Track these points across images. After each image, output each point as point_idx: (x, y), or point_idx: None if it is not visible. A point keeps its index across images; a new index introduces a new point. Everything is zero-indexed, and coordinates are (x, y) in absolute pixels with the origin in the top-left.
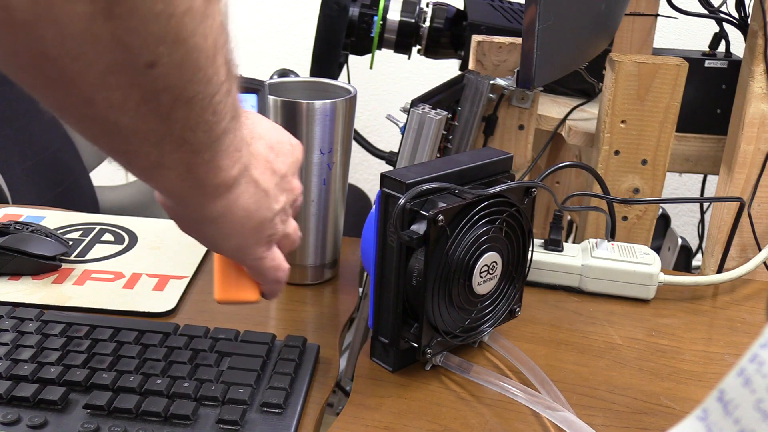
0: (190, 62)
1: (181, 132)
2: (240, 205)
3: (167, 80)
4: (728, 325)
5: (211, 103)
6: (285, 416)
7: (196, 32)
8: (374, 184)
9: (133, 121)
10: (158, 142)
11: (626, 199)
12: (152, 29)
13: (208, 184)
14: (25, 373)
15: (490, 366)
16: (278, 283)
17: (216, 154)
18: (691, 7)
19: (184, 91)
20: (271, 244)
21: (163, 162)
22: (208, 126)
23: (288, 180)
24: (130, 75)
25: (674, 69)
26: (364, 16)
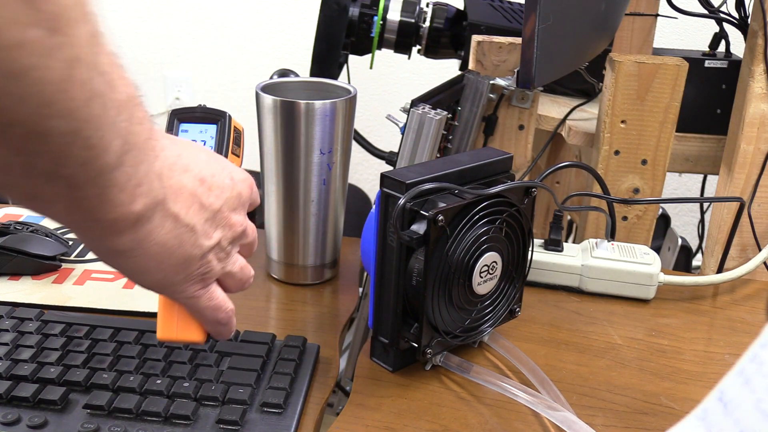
0: (33, 96)
1: (47, 166)
2: (154, 240)
3: (11, 115)
4: (728, 325)
5: (78, 137)
6: (285, 416)
7: (37, 66)
8: (374, 184)
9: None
10: (24, 175)
11: (626, 199)
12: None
13: (103, 219)
14: (25, 373)
15: (490, 366)
16: (221, 325)
17: (104, 189)
18: (691, 7)
19: (35, 125)
20: (206, 282)
21: (40, 194)
22: (80, 161)
23: (225, 216)
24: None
25: (674, 69)
26: (364, 16)
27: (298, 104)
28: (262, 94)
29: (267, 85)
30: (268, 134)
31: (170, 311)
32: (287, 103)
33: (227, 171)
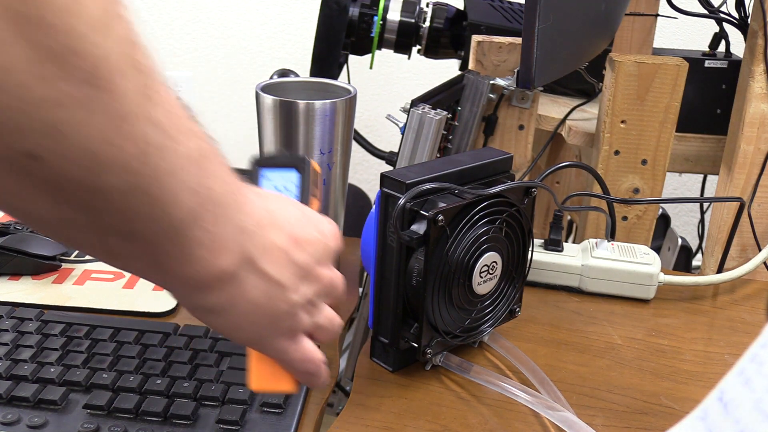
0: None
1: (114, 223)
2: (246, 298)
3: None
4: (728, 325)
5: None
6: (285, 416)
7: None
8: (374, 184)
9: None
10: (95, 231)
11: (626, 199)
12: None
13: (189, 277)
14: (25, 373)
15: (490, 366)
16: (311, 375)
17: (184, 246)
18: (691, 7)
19: (90, 182)
20: (295, 336)
21: (118, 252)
22: (149, 217)
23: (314, 270)
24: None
25: (674, 69)
26: (364, 16)
27: (298, 104)
28: (262, 94)
29: (267, 85)
30: (268, 134)
31: (261, 363)
32: (287, 103)
33: (316, 224)
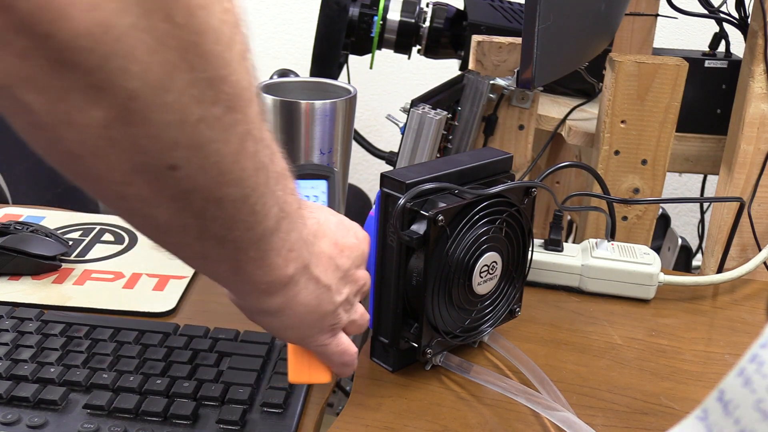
0: (212, 166)
1: (219, 230)
2: (300, 301)
3: (192, 182)
4: (728, 325)
5: (246, 204)
6: (285, 416)
7: (216, 139)
8: (374, 184)
9: (168, 216)
10: (198, 236)
11: (626, 199)
12: (166, 136)
13: (261, 281)
14: (25, 373)
15: (490, 366)
16: (346, 366)
17: (264, 252)
18: (691, 7)
19: (212, 192)
20: (335, 331)
21: (209, 255)
22: (246, 225)
23: (352, 273)
24: (153, 175)
25: (674, 69)
26: (364, 16)
27: (298, 104)
28: (262, 94)
29: (267, 84)
30: None
31: (300, 357)
32: (287, 103)
33: (352, 231)
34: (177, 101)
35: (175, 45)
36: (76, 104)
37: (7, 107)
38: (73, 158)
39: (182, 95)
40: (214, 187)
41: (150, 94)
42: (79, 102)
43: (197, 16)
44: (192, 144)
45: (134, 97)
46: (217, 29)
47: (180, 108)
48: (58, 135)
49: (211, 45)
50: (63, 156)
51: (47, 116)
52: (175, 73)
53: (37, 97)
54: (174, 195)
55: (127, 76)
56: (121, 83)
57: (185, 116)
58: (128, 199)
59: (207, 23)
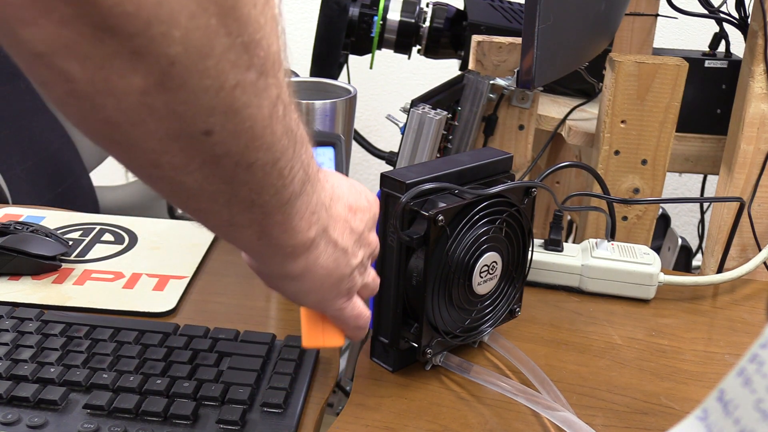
0: (246, 131)
1: (248, 194)
2: (320, 264)
3: (225, 147)
4: (728, 325)
5: (275, 168)
6: (285, 416)
7: (250, 104)
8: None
9: (198, 183)
10: (227, 202)
11: (626, 199)
12: (203, 101)
13: (285, 245)
14: (25, 373)
15: (490, 366)
16: (360, 329)
17: (289, 216)
18: (691, 7)
19: (243, 157)
20: (351, 295)
21: (236, 221)
22: (275, 189)
23: (365, 236)
24: (188, 141)
25: (674, 69)
26: (364, 16)
27: (299, 104)
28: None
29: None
30: None
31: (315, 322)
32: None
33: (363, 195)
34: (215, 66)
35: (215, 10)
36: (117, 71)
37: (44, 76)
38: (110, 126)
39: (220, 60)
40: (246, 151)
41: (190, 59)
42: (120, 69)
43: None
44: (227, 109)
45: (175, 62)
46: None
47: (217, 73)
48: (96, 103)
49: (248, 8)
50: (99, 125)
51: (86, 84)
52: (215, 38)
53: (77, 64)
54: (206, 160)
55: (168, 42)
56: (163, 49)
57: (222, 81)
58: (161, 166)
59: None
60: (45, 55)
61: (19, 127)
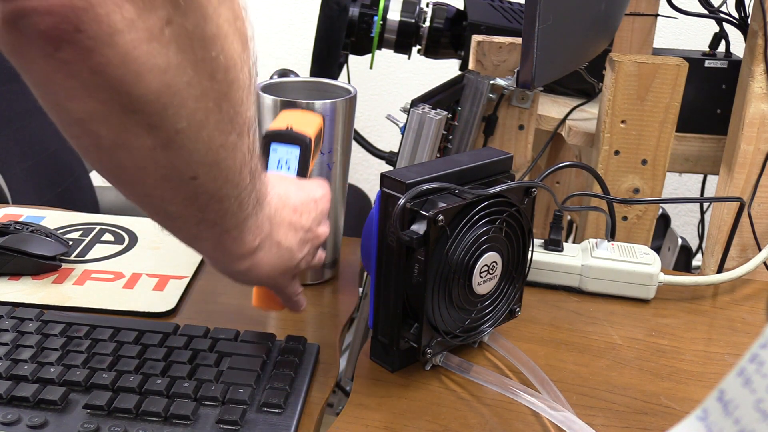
0: (222, 176)
1: (214, 218)
2: (265, 262)
3: (205, 187)
4: (728, 325)
5: (238, 199)
6: (285, 416)
7: (228, 157)
8: (374, 184)
9: (179, 210)
10: (197, 223)
11: (626, 199)
12: (195, 157)
13: (234, 252)
14: (25, 373)
15: (490, 366)
16: (297, 303)
17: (241, 232)
18: (691, 7)
19: (217, 193)
20: (294, 278)
21: (200, 236)
22: (233, 214)
23: (312, 231)
24: (177, 183)
25: (674, 69)
26: (364, 16)
27: (298, 104)
28: (262, 94)
29: (267, 85)
30: None
31: (262, 290)
32: (287, 103)
33: (311, 195)
34: (208, 134)
35: (214, 95)
36: (135, 135)
37: (77, 132)
38: (120, 169)
39: (212, 130)
40: (219, 189)
41: (191, 130)
42: (137, 133)
43: (230, 72)
44: (211, 162)
45: (179, 131)
46: (241, 79)
47: (209, 138)
48: (114, 154)
49: (235, 92)
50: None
51: (109, 141)
52: (210, 115)
53: (106, 129)
54: (188, 195)
55: (177, 118)
56: (173, 123)
57: (211, 143)
58: (153, 197)
59: (236, 77)
60: (83, 121)
61: (19, 127)
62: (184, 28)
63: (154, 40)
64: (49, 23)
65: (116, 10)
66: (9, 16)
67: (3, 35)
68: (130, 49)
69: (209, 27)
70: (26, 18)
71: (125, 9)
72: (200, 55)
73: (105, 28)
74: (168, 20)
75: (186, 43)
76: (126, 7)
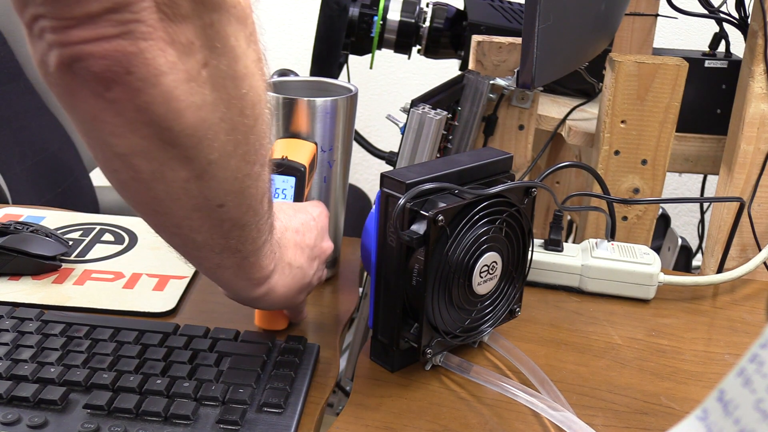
0: (246, 204)
1: (235, 245)
2: (280, 284)
3: (230, 214)
4: (728, 325)
5: (257, 225)
6: (285, 416)
7: (251, 186)
8: (374, 184)
9: (205, 238)
10: (220, 251)
11: (626, 199)
12: (224, 186)
13: (254, 278)
14: (25, 373)
15: (490, 366)
16: (301, 314)
17: (258, 257)
18: (691, 7)
19: (240, 220)
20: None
21: (222, 264)
22: (253, 240)
23: (318, 247)
24: (206, 212)
25: (674, 69)
26: (364, 16)
27: (300, 101)
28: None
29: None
30: None
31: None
32: (288, 101)
33: (308, 214)
34: (236, 164)
35: (243, 129)
36: (171, 167)
37: (117, 166)
38: (155, 200)
39: (240, 160)
40: (243, 216)
41: (222, 160)
42: (174, 166)
43: (257, 108)
44: (237, 191)
45: (212, 162)
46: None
47: (236, 169)
48: (151, 185)
49: (260, 126)
50: (148, 199)
51: (148, 174)
52: (239, 147)
53: (146, 162)
54: (215, 224)
55: (210, 150)
56: (206, 155)
57: (237, 173)
58: (182, 227)
59: (262, 111)
60: (124, 155)
61: (19, 127)
62: (219, 69)
63: (193, 80)
64: (103, 66)
65: (161, 54)
66: (66, 60)
67: (57, 77)
68: (172, 89)
69: (239, 67)
70: (82, 62)
71: (168, 53)
72: (232, 93)
73: (152, 70)
74: (205, 63)
75: (220, 82)
76: (169, 51)
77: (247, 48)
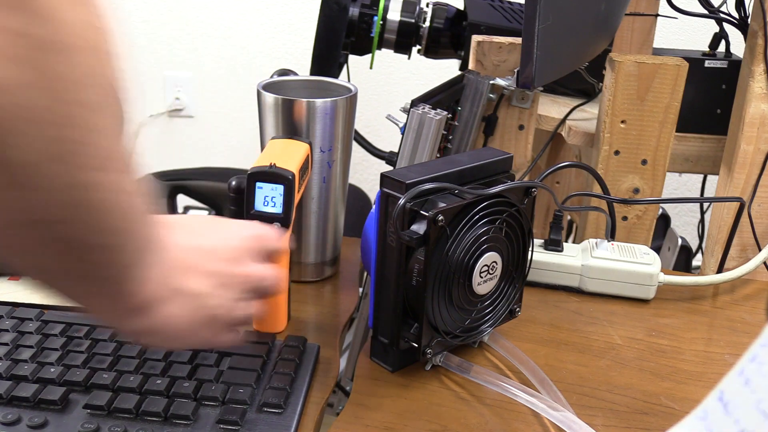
0: (94, 220)
1: (97, 271)
2: (174, 315)
3: (72, 234)
4: (728, 325)
5: (121, 247)
6: (285, 416)
7: (102, 199)
8: (374, 184)
9: (52, 263)
10: (78, 277)
11: (626, 199)
12: (54, 198)
13: (122, 308)
14: (25, 373)
15: (490, 366)
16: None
17: (121, 285)
18: (691, 7)
19: (89, 240)
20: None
21: (71, 292)
22: (108, 265)
23: (232, 275)
24: (34, 230)
25: (674, 69)
26: (364, 16)
27: (300, 102)
28: (263, 93)
29: (268, 83)
30: (269, 132)
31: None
32: (288, 101)
33: (233, 234)
34: (67, 171)
35: (75, 122)
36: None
37: None
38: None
39: (72, 166)
40: (92, 236)
41: (44, 165)
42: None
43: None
44: (75, 204)
45: (27, 165)
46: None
47: (67, 175)
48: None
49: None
50: None
51: None
52: (69, 145)
53: None
54: (62, 246)
55: (23, 150)
56: (18, 156)
57: (72, 181)
58: (12, 247)
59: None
60: None
61: None
62: (30, 36)
63: None
64: None
65: None
66: None
67: None
68: None
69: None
70: None
71: None
72: (56, 71)
73: None
74: (7, 27)
75: (34, 55)
76: None
77: (73, 8)
